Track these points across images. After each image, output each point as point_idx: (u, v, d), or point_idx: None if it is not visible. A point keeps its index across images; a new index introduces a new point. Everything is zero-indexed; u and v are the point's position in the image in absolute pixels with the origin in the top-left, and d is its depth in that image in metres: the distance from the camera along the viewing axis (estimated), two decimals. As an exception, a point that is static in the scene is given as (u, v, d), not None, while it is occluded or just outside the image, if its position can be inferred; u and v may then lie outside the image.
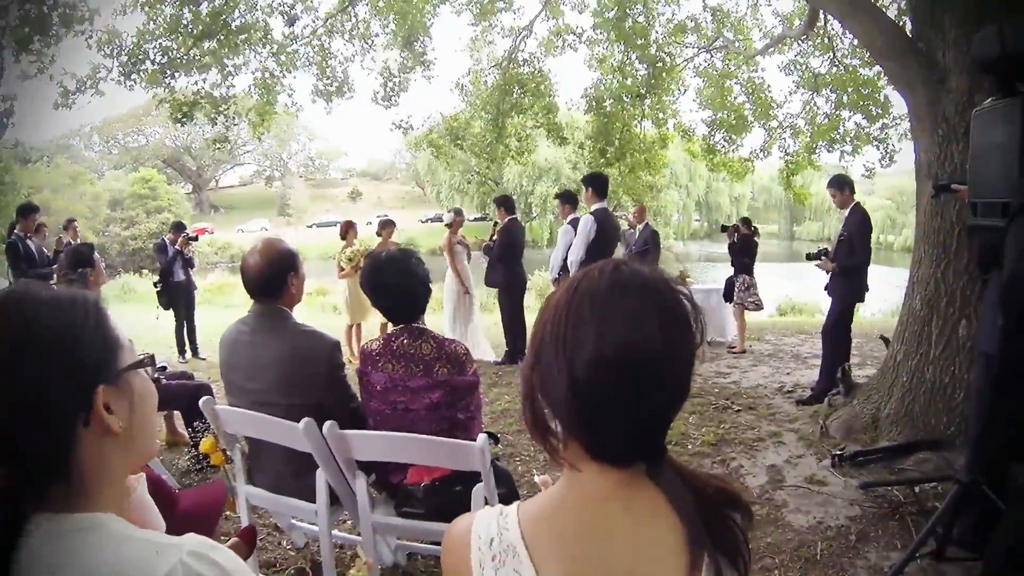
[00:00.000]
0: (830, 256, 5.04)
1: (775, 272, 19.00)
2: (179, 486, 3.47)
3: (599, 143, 10.07)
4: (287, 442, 2.22)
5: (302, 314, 2.46)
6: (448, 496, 2.23)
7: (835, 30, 9.03)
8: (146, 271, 20.72)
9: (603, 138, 9.98)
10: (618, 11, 9.05)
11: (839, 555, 2.82)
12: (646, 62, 9.47)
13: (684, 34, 9.65)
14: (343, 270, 7.06)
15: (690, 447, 4.17)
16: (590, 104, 10.02)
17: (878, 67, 7.34)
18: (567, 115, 12.34)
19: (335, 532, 2.54)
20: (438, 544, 2.13)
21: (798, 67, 9.83)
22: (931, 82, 3.72)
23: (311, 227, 43.59)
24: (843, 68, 9.36)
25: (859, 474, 3.56)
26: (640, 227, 7.48)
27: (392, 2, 8.73)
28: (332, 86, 9.11)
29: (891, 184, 35.67)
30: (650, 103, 9.99)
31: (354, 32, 9.02)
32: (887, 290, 10.41)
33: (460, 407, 2.27)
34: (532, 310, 7.18)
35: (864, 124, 9.61)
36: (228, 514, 2.68)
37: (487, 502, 2.10)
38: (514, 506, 0.84)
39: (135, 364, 0.83)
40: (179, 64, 7.46)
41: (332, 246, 9.23)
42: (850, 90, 9.26)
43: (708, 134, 10.42)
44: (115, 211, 34.42)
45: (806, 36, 9.09)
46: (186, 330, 7.41)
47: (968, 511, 2.44)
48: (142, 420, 0.82)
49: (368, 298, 2.44)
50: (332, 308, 12.00)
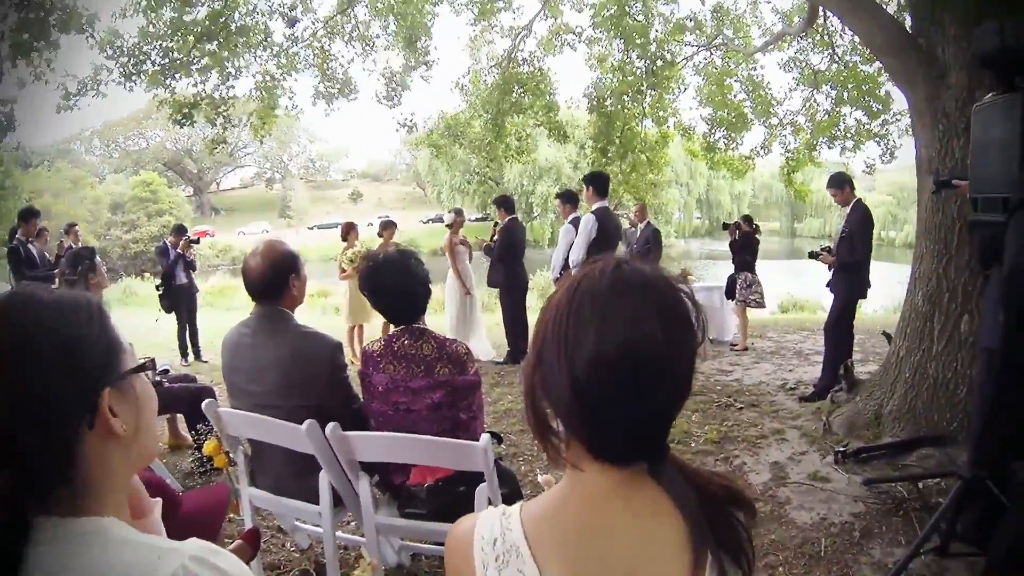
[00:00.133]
0: (832, 253, 5.04)
1: (777, 269, 18.98)
2: (182, 489, 3.49)
3: (600, 142, 10.06)
4: (290, 444, 2.22)
5: (303, 316, 2.46)
6: (451, 496, 2.23)
7: (835, 27, 9.01)
8: (148, 274, 20.78)
9: (604, 137, 9.98)
10: (617, 9, 9.04)
11: (843, 552, 2.82)
12: (646, 59, 9.46)
13: (683, 32, 9.64)
14: (344, 272, 7.05)
15: (693, 445, 4.17)
16: (591, 104, 10.01)
17: (878, 63, 7.34)
18: (567, 114, 12.31)
19: (339, 533, 2.54)
20: (441, 544, 2.13)
21: (798, 64, 9.79)
22: (931, 78, 3.71)
23: (312, 229, 43.62)
24: (843, 65, 9.34)
25: (862, 470, 3.55)
26: (641, 226, 7.47)
27: (392, 3, 8.72)
28: (334, 88, 9.09)
29: (892, 180, 35.64)
30: (650, 101, 9.97)
31: (354, 34, 9.00)
32: (889, 286, 10.40)
33: (462, 407, 2.27)
34: (534, 310, 7.18)
35: (864, 120, 9.59)
36: (232, 516, 2.69)
37: (490, 502, 2.10)
38: (517, 506, 0.84)
39: (138, 367, 0.83)
40: (179, 66, 7.45)
41: (333, 248, 9.23)
42: (850, 86, 9.24)
43: (708, 132, 10.40)
44: (116, 215, 34.40)
45: (806, 33, 9.07)
46: (188, 333, 7.41)
47: (971, 507, 2.44)
48: (144, 423, 0.83)
49: (367, 300, 2.44)
50: (334, 310, 11.99)
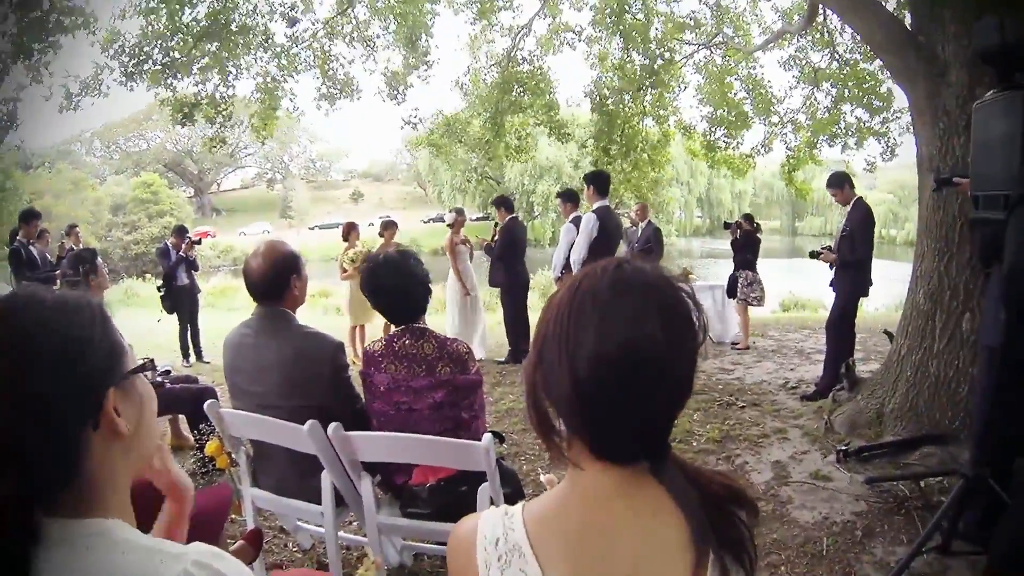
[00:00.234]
0: (833, 251, 5.04)
1: (778, 268, 18.96)
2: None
3: (603, 141, 10.06)
4: (292, 444, 2.22)
5: (305, 316, 2.46)
6: (453, 496, 2.23)
7: (835, 25, 9.00)
8: (149, 275, 20.80)
9: (606, 136, 9.98)
10: (617, 7, 9.03)
11: (845, 550, 2.82)
12: (646, 57, 9.46)
13: (683, 31, 9.63)
14: (346, 272, 7.05)
15: (694, 444, 4.17)
16: (593, 103, 10.01)
17: (878, 61, 7.32)
18: (568, 112, 12.31)
19: (341, 533, 2.54)
20: (444, 544, 2.13)
21: (798, 62, 9.79)
22: (931, 76, 3.71)
23: (313, 229, 43.67)
24: (843, 63, 9.33)
25: (864, 469, 3.55)
26: (642, 224, 7.45)
27: (392, 2, 8.72)
28: (336, 88, 9.09)
29: (893, 178, 35.63)
30: (651, 99, 9.97)
31: (354, 35, 9.00)
32: (890, 284, 10.37)
33: (463, 406, 2.27)
34: (535, 309, 7.17)
35: (865, 118, 9.59)
36: (234, 517, 2.69)
37: (492, 502, 2.10)
38: (519, 506, 0.84)
39: (139, 368, 0.83)
40: (180, 65, 7.45)
41: (334, 248, 9.22)
42: (850, 84, 9.23)
43: (709, 131, 10.40)
44: (117, 216, 34.43)
45: (806, 31, 9.06)
46: (190, 334, 7.42)
47: (973, 505, 2.44)
48: (145, 423, 0.83)
49: (368, 301, 2.44)
50: (335, 310, 11.99)
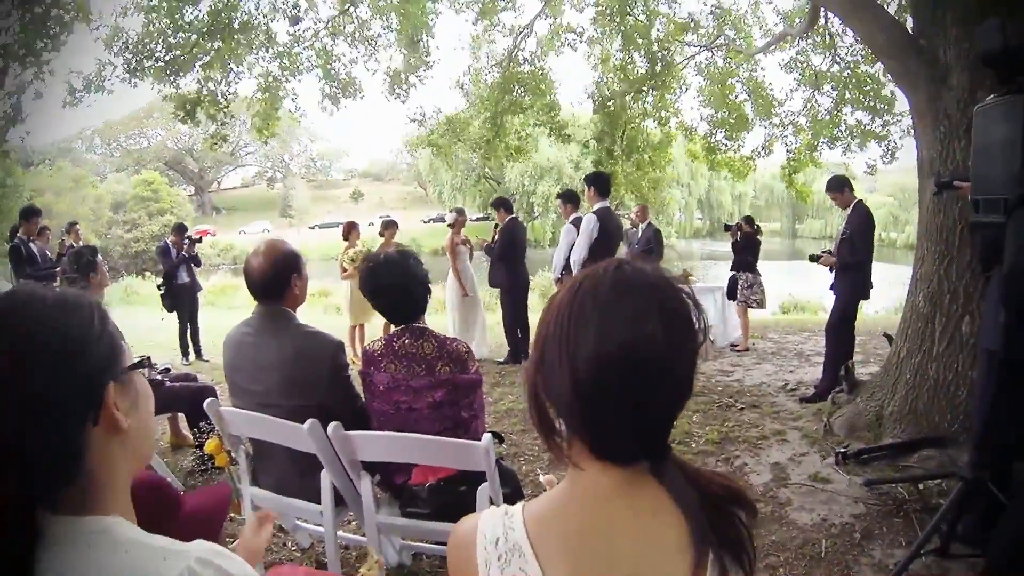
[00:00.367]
0: (832, 254, 5.04)
1: (778, 270, 18.94)
2: (184, 488, 3.49)
3: (605, 142, 10.06)
4: (291, 443, 2.22)
5: (305, 315, 2.46)
6: (453, 496, 2.24)
7: (836, 28, 9.01)
8: (149, 273, 20.79)
9: (609, 137, 9.98)
10: (619, 8, 9.04)
11: (844, 552, 2.82)
12: (647, 59, 9.47)
13: (685, 33, 9.64)
14: (346, 271, 7.05)
15: (694, 445, 4.17)
16: (596, 104, 10.01)
17: (879, 64, 7.32)
18: (568, 112, 12.32)
19: (340, 533, 2.54)
20: (443, 544, 2.14)
21: (799, 65, 9.79)
22: (932, 79, 3.71)
23: (313, 228, 43.70)
24: (844, 65, 9.34)
25: (863, 471, 3.55)
26: (643, 226, 7.45)
27: (394, 2, 8.71)
28: (338, 88, 9.08)
29: (894, 181, 35.64)
30: (652, 101, 9.97)
31: (356, 35, 8.99)
32: (890, 287, 10.39)
33: (463, 405, 2.28)
34: (535, 310, 7.17)
35: (866, 121, 9.60)
36: (233, 516, 2.69)
37: (492, 502, 2.10)
38: (519, 506, 0.84)
39: (137, 364, 0.84)
40: (182, 63, 7.44)
41: (334, 247, 9.22)
42: (852, 87, 9.24)
43: (710, 133, 10.40)
44: (117, 214, 34.43)
45: (807, 34, 9.07)
46: (190, 332, 7.42)
47: (972, 508, 2.44)
48: (142, 419, 0.83)
49: (368, 301, 2.44)
50: (335, 309, 11.99)
